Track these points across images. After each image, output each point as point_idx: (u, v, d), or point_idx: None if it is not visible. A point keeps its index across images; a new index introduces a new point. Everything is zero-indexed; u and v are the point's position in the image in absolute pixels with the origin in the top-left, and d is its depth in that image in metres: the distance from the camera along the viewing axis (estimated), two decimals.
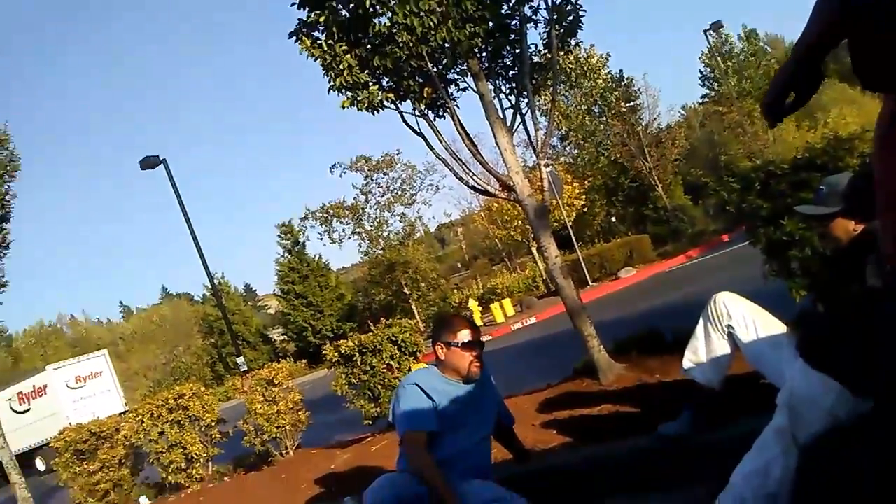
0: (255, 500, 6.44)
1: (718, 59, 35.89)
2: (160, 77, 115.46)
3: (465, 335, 3.23)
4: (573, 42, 6.39)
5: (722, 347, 3.05)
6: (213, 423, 8.29)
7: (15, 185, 11.12)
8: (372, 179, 33.57)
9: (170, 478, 8.17)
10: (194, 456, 8.07)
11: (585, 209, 29.45)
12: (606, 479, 3.51)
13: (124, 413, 12.21)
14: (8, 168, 10.99)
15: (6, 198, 10.94)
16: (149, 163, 18.22)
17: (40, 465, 24.89)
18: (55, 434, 9.22)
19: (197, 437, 8.12)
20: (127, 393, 28.23)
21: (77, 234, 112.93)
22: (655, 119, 31.58)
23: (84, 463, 8.73)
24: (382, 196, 33.93)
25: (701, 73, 42.30)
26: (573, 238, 21.77)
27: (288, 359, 38.55)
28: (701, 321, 3.14)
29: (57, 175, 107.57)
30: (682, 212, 30.01)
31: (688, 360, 3.20)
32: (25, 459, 21.98)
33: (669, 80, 75.53)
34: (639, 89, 30.84)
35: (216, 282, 25.46)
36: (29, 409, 25.78)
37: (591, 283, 21.29)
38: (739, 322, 2.97)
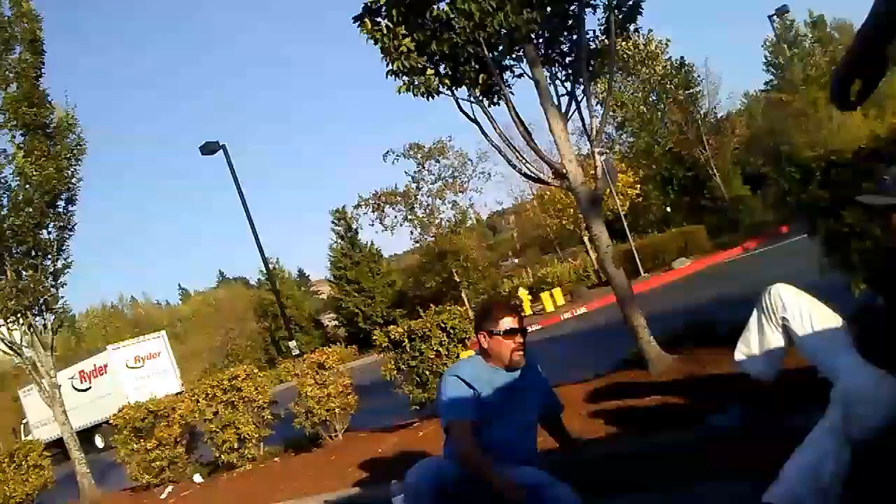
0: (304, 481, 6.54)
1: (784, 45, 34.83)
2: (222, 65, 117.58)
3: (506, 323, 3.22)
4: (632, 27, 6.27)
5: (776, 340, 2.93)
6: (266, 405, 8.45)
7: (81, 168, 11.45)
8: (424, 167, 33.61)
9: (223, 457, 8.36)
10: (246, 436, 8.23)
11: (640, 198, 28.96)
12: (653, 470, 3.46)
13: (181, 393, 12.54)
14: (75, 152, 11.29)
15: (73, 181, 11.25)
16: (209, 148, 18.57)
17: (99, 442, 25.76)
18: (114, 412, 9.50)
19: (249, 418, 8.28)
20: (183, 374, 28.97)
21: (138, 217, 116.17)
22: (715, 107, 30.85)
23: (141, 440, 8.99)
24: (434, 183, 33.96)
25: (766, 58, 41.20)
26: (626, 228, 21.46)
27: (339, 343, 39.03)
28: (755, 312, 3.03)
29: (121, 160, 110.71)
30: (739, 202, 29.29)
31: (740, 353, 3.08)
32: (85, 436, 22.75)
33: (731, 67, 73.65)
34: (699, 76, 30.13)
35: (271, 267, 25.90)
36: (90, 388, 26.68)
37: (643, 274, 20.98)
38: (794, 314, 2.85)
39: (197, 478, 8.78)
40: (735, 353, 3.11)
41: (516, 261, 53.21)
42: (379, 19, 5.81)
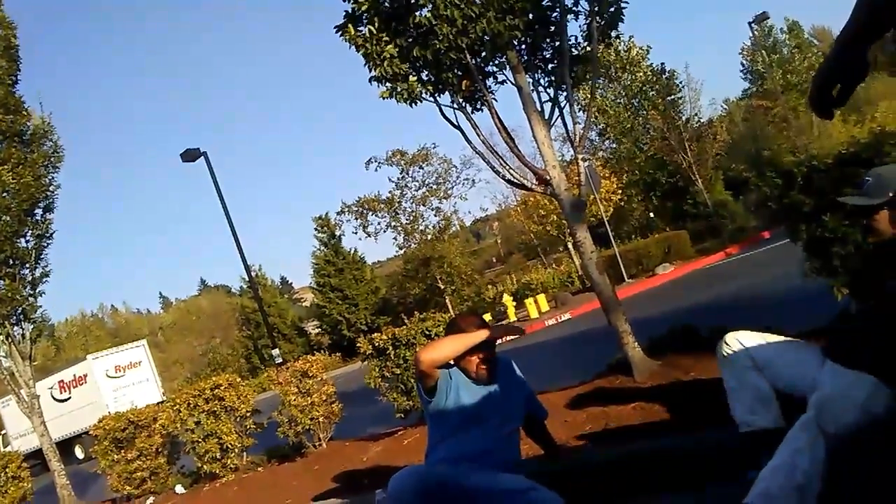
0: (288, 491, 6.48)
1: (763, 51, 35.20)
2: (201, 70, 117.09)
3: None
4: (614, 34, 6.30)
5: (760, 383, 2.82)
6: (248, 414, 8.38)
7: (58, 176, 11.33)
8: (407, 173, 33.60)
9: (205, 467, 8.27)
10: (229, 446, 8.16)
11: (623, 204, 29.12)
12: (637, 476, 3.45)
13: (162, 402, 12.42)
14: (52, 159, 11.19)
15: (50, 188, 11.14)
16: (189, 155, 18.41)
17: (79, 452, 25.44)
18: (94, 422, 9.38)
19: (232, 428, 8.21)
20: (165, 383, 28.75)
21: (118, 225, 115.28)
22: (697, 113, 31.09)
23: (122, 451, 8.88)
24: (418, 190, 33.95)
25: (742, 65, 41.62)
26: (610, 233, 21.54)
27: (322, 351, 38.86)
28: (724, 370, 2.92)
29: (99, 167, 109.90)
30: (721, 208, 29.51)
31: (741, 414, 2.88)
32: (65, 447, 22.47)
33: (712, 73, 74.35)
34: (680, 82, 30.38)
35: (253, 274, 25.73)
36: (69, 398, 26.35)
37: (627, 280, 21.06)
38: (760, 353, 2.83)
39: (179, 488, 8.68)
40: (736, 417, 2.90)
41: (501, 266, 53.31)
42: (361, 27, 5.80)
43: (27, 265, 11.05)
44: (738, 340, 2.85)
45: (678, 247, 24.14)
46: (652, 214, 32.90)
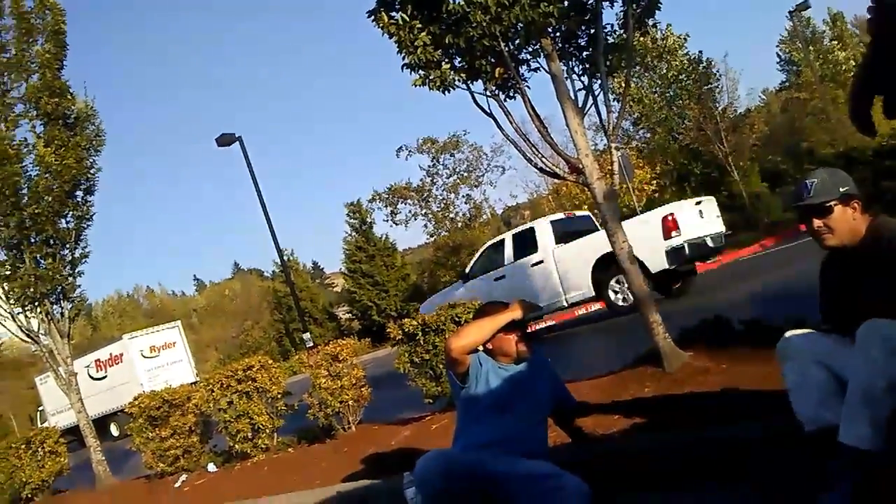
0: (317, 472, 6.58)
1: (801, 42, 34.50)
2: (238, 55, 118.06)
3: None
4: (650, 22, 6.23)
5: (826, 376, 2.64)
6: (280, 396, 8.49)
7: (99, 159, 11.53)
8: (438, 161, 33.62)
9: (236, 446, 8.41)
10: (260, 426, 8.28)
11: (656, 195, 28.83)
12: (664, 467, 3.45)
13: (195, 383, 12.65)
14: (94, 143, 11.38)
15: (91, 171, 11.34)
16: (225, 140, 18.69)
17: (114, 430, 26.03)
18: (129, 400, 9.58)
19: (263, 409, 8.33)
20: (198, 364, 29.23)
21: (155, 208, 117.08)
22: (733, 103, 30.60)
23: (156, 429, 9.06)
24: (449, 178, 33.97)
25: (779, 56, 40.84)
26: None
27: (352, 336, 39.19)
28: (786, 365, 2.76)
29: (138, 150, 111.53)
30: (757, 200, 29.07)
31: (806, 412, 2.66)
32: (100, 424, 22.98)
33: (752, 63, 73.05)
34: (718, 72, 29.89)
35: (286, 259, 25.99)
36: (105, 376, 26.94)
37: None
38: (821, 345, 2.68)
39: (211, 467, 8.84)
40: (800, 416, 2.72)
41: None
42: (394, 13, 5.80)
43: (67, 245, 11.27)
44: (800, 335, 2.79)
45: None
46: None
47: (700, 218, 12.94)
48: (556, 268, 13.00)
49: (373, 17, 5.83)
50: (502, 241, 14.77)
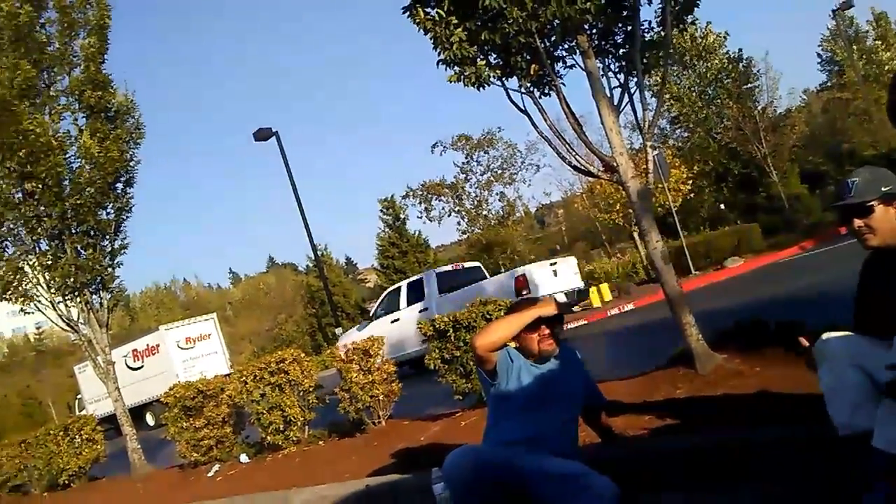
0: (347, 465, 6.62)
1: (844, 42, 33.77)
2: (275, 51, 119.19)
3: None
4: (689, 19, 6.15)
5: (861, 380, 2.56)
6: (311, 389, 8.55)
7: (138, 151, 11.72)
8: (472, 158, 33.60)
9: (269, 438, 8.50)
10: (292, 419, 8.36)
11: (692, 195, 28.45)
12: (694, 468, 3.41)
13: (229, 374, 12.80)
14: (134, 135, 11.57)
15: (131, 163, 11.53)
16: (262, 135, 18.90)
17: (150, 419, 26.46)
18: (165, 390, 9.73)
19: (295, 401, 8.40)
20: (232, 356, 29.58)
21: (193, 202, 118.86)
22: (773, 102, 30.04)
23: (191, 419, 9.19)
24: (482, 175, 33.92)
25: (819, 56, 40.05)
26: (678, 224, 21.11)
27: None
28: (821, 368, 2.69)
29: (176, 144, 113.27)
30: (796, 201, 28.55)
31: (840, 416, 2.60)
32: (136, 413, 23.38)
33: (793, 62, 71.67)
34: (758, 70, 29.37)
35: (319, 254, 26.21)
36: (142, 366, 27.39)
37: (693, 272, 20.62)
38: (858, 348, 2.62)
39: (243, 457, 8.95)
40: (834, 420, 2.65)
41: (565, 253, 52.81)
42: (430, 9, 5.81)
43: (107, 236, 11.48)
44: (836, 337, 2.72)
45: (749, 240, 23.50)
46: (722, 206, 32.05)
47: (553, 277, 15.20)
48: (436, 314, 14.40)
49: (409, 13, 5.84)
50: (399, 288, 16.94)
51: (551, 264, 16.02)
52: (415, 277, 17.40)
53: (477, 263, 19.04)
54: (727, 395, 4.35)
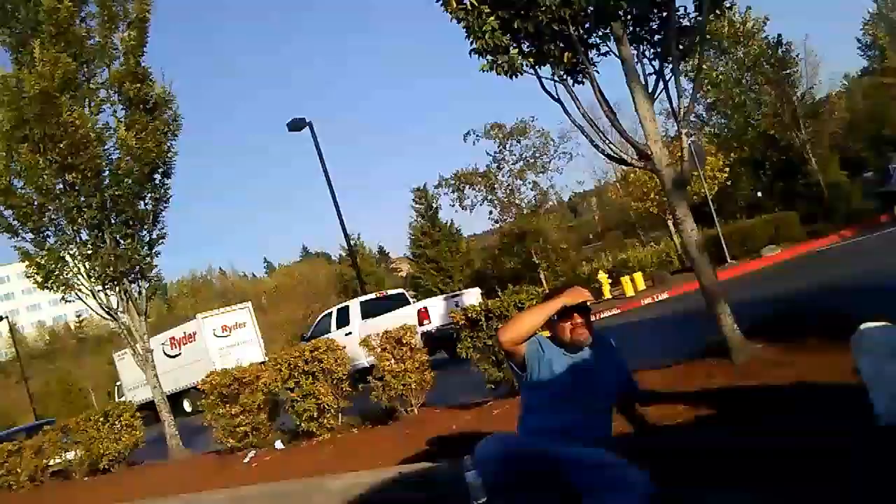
0: (380, 453, 6.68)
1: (886, 26, 32.87)
2: (308, 42, 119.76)
3: None
4: (727, 3, 6.04)
5: None
6: (345, 377, 8.63)
7: (176, 143, 11.89)
8: (505, 147, 33.43)
9: (303, 425, 8.60)
10: (326, 406, 8.45)
11: (729, 183, 27.96)
12: (729, 462, 3.37)
13: (264, 362, 12.98)
14: (171, 127, 11.74)
15: (169, 154, 11.70)
16: (296, 125, 19.03)
17: (187, 406, 26.88)
18: (202, 378, 9.89)
19: (329, 389, 8.48)
20: (267, 344, 29.86)
21: (229, 192, 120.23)
22: (813, 88, 29.35)
23: (227, 406, 9.34)
24: (515, 164, 33.74)
25: (858, 41, 39.07)
26: (713, 212, 20.80)
27: None
28: (862, 359, 2.67)
29: (212, 135, 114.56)
30: (836, 189, 27.92)
31: (880, 406, 2.60)
32: (174, 400, 23.76)
33: (834, 46, 69.93)
34: (797, 55, 28.67)
35: (352, 243, 26.36)
36: (180, 354, 27.82)
37: (730, 261, 20.32)
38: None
39: (278, 444, 9.08)
40: (876, 410, 2.65)
41: (598, 242, 52.48)
42: None
43: (145, 227, 11.70)
44: (876, 327, 2.67)
45: (786, 228, 23.05)
46: (759, 194, 31.48)
47: (455, 307, 15.80)
48: (359, 338, 15.21)
49: (442, 3, 5.82)
50: (330, 313, 18.88)
51: (453, 296, 17.72)
52: (343, 304, 19.40)
53: (401, 291, 21.22)
54: (763, 386, 4.30)
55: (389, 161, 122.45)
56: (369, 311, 17.47)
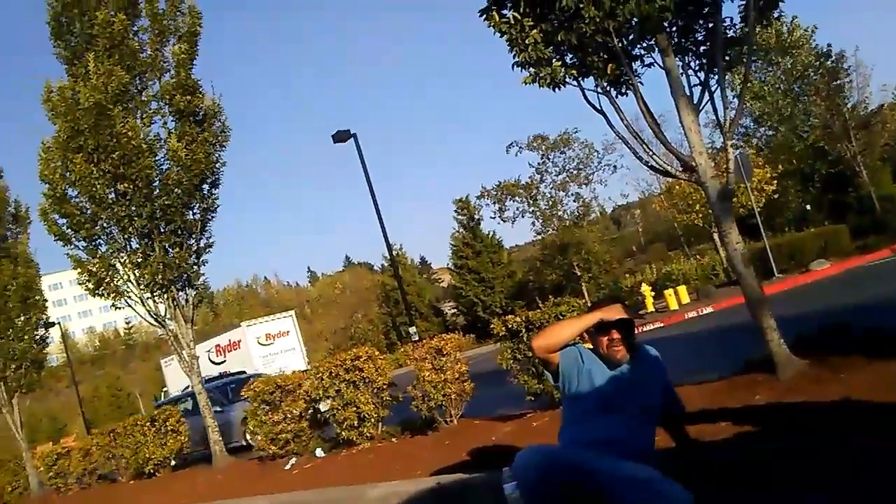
0: (419, 463, 6.69)
1: None
2: (353, 54, 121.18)
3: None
4: (774, 14, 5.96)
5: None
6: (385, 387, 8.67)
7: (224, 154, 12.11)
8: (548, 158, 33.33)
9: (343, 433, 8.66)
10: (366, 415, 8.50)
11: (777, 195, 27.43)
12: (772, 477, 3.31)
13: (306, 370, 13.12)
14: (220, 138, 11.96)
15: (217, 165, 11.92)
16: (340, 136, 19.23)
17: None
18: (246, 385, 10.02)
19: (369, 398, 8.53)
20: (309, 353, 30.17)
21: (274, 202, 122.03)
22: (865, 99, 28.64)
23: (269, 413, 9.46)
24: (558, 175, 33.61)
25: None
26: (760, 225, 20.44)
27: (457, 331, 39.49)
28: None
29: (258, 146, 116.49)
30: (888, 202, 27.16)
31: None
32: None
33: (885, 56, 68.21)
34: (848, 66, 28.04)
35: (394, 253, 26.51)
36: (224, 361, 28.25)
37: (777, 275, 19.93)
38: None
39: (319, 452, 9.15)
40: None
41: (641, 255, 51.87)
42: (505, 11, 5.81)
43: (193, 235, 11.93)
44: None
45: (836, 242, 22.54)
46: (808, 207, 30.81)
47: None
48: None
49: (484, 16, 5.86)
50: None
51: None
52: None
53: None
54: (809, 403, 4.21)
55: (433, 172, 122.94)
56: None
